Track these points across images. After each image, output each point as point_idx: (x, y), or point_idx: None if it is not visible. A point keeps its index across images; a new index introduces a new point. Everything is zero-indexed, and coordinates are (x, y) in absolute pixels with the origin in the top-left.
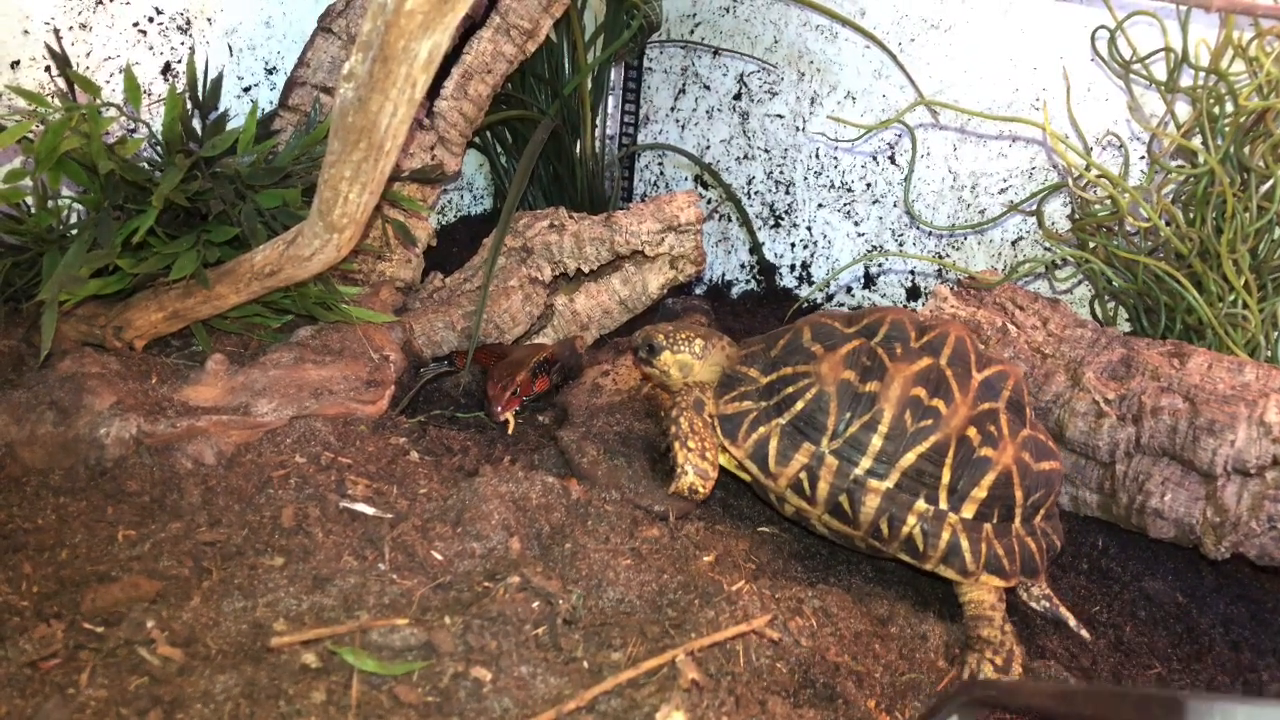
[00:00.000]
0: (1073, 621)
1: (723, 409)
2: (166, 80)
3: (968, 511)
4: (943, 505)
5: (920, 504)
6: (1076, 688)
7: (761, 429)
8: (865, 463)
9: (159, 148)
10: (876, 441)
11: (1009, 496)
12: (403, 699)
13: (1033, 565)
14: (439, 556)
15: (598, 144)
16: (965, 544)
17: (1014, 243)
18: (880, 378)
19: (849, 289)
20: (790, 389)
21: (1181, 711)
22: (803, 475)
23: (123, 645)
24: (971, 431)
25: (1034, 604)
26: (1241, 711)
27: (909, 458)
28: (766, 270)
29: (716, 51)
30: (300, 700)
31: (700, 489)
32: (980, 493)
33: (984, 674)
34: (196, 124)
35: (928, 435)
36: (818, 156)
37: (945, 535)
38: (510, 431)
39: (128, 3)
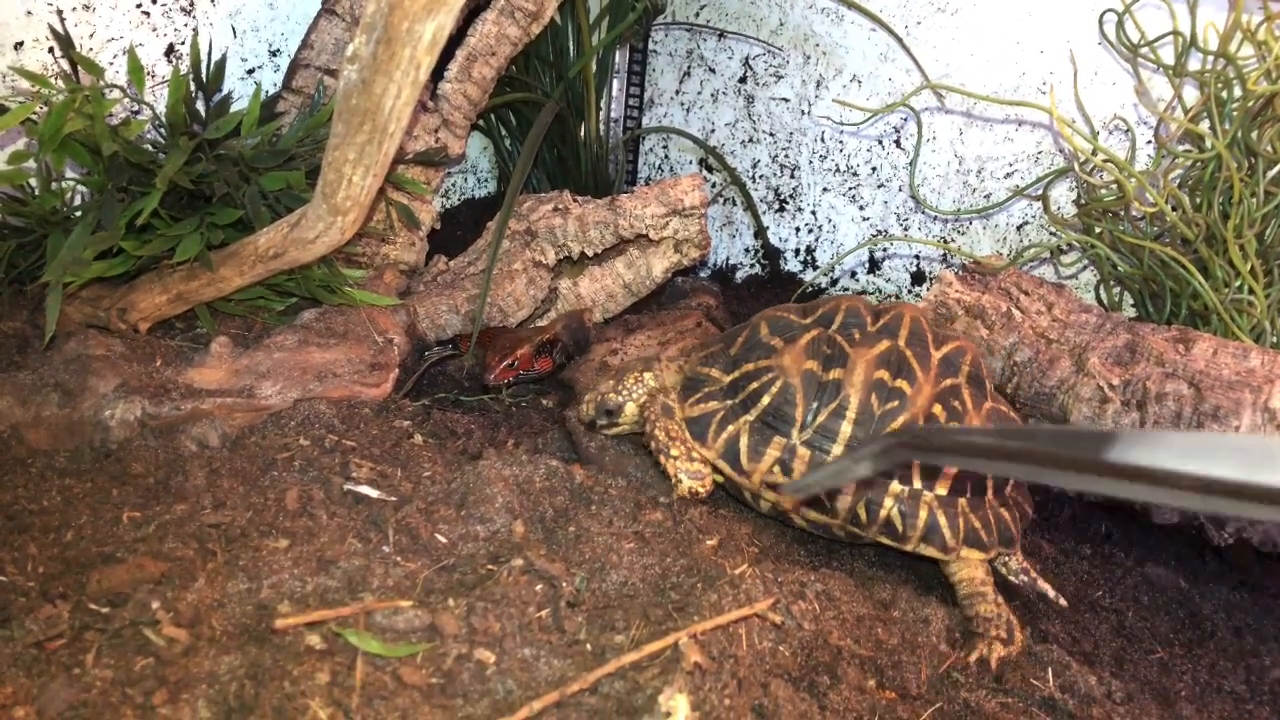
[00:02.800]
0: (1051, 592)
1: (689, 411)
2: (170, 62)
3: (941, 488)
4: (917, 484)
5: (895, 485)
6: (1009, 428)
7: (730, 427)
8: (837, 450)
9: (162, 130)
10: (846, 428)
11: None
12: (407, 680)
13: (1009, 535)
14: (443, 539)
15: (602, 127)
16: (943, 521)
17: (1019, 228)
18: (843, 364)
19: (853, 274)
20: (754, 384)
21: (1111, 441)
22: (776, 469)
23: (128, 626)
24: (937, 408)
25: (1012, 578)
26: (1169, 439)
27: None
28: (771, 255)
29: (722, 34)
30: (304, 681)
31: (700, 489)
32: (952, 468)
33: (995, 656)
34: (200, 106)
35: (895, 416)
36: (823, 140)
37: (923, 514)
38: (500, 396)
39: None
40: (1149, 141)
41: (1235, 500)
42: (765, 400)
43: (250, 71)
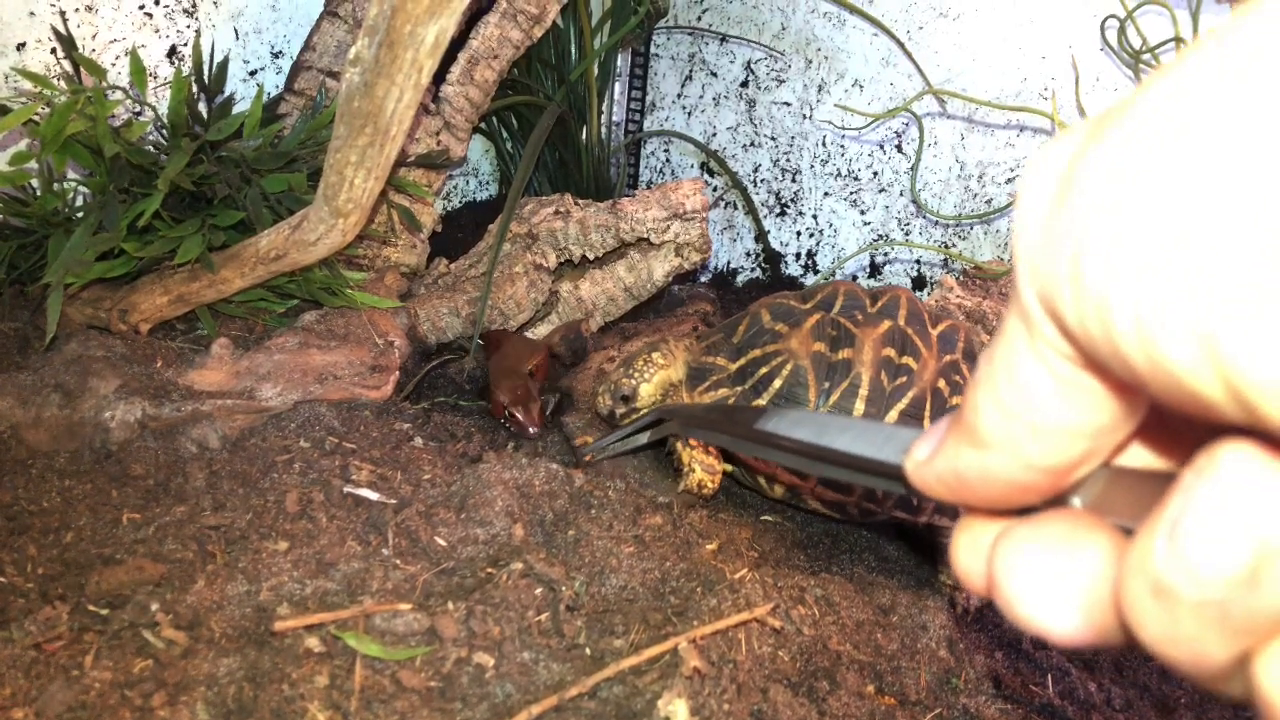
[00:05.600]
0: None
1: (698, 400)
2: (172, 63)
3: None
4: None
5: None
6: (720, 405)
7: None
8: None
9: (164, 131)
10: (859, 405)
11: None
12: (406, 684)
13: None
14: (442, 542)
15: (604, 130)
16: None
17: None
18: (851, 344)
19: (854, 278)
20: (764, 369)
21: (762, 412)
22: None
23: (127, 628)
24: (941, 383)
25: None
26: (810, 417)
27: (892, 416)
28: (772, 258)
29: (724, 38)
30: (304, 684)
31: (708, 484)
32: None
33: (971, 605)
34: (202, 108)
35: (905, 392)
36: (824, 144)
37: None
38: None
39: None
40: None
41: (842, 468)
42: (777, 384)
43: (252, 73)
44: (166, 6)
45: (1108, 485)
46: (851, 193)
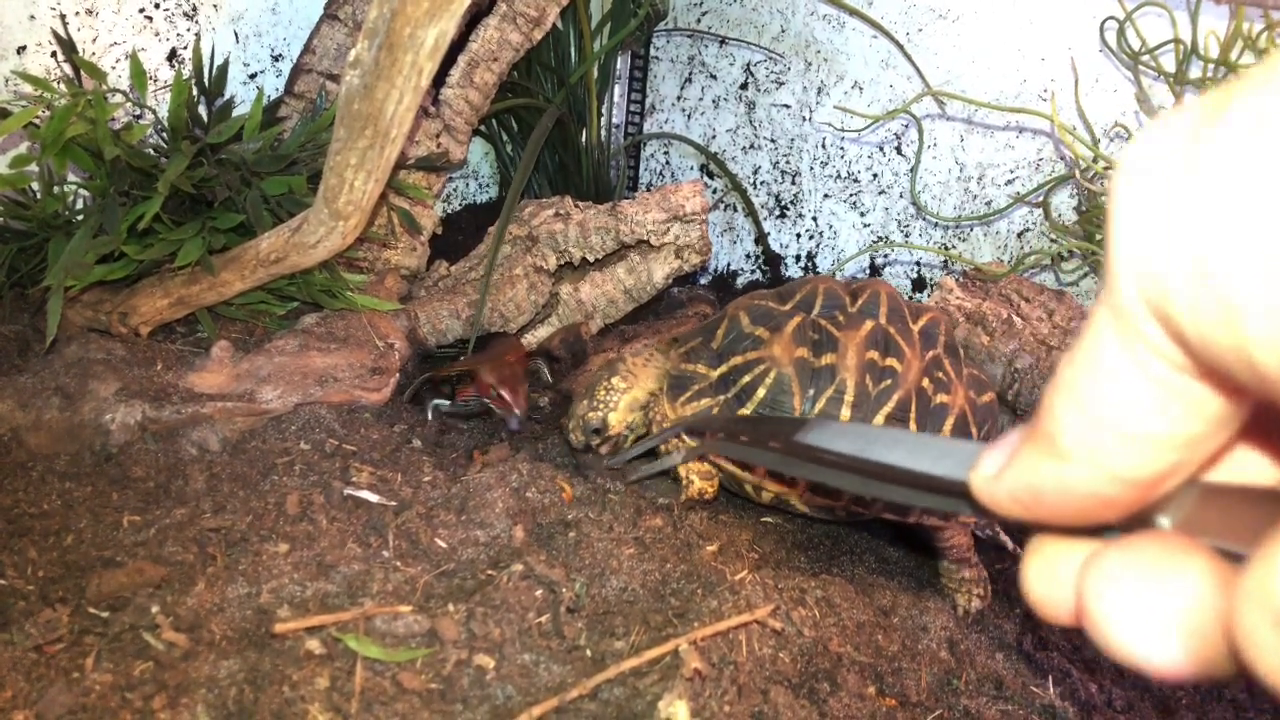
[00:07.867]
0: (1010, 544)
1: (681, 411)
2: (172, 67)
3: None
4: None
5: None
6: (751, 417)
7: None
8: None
9: (164, 134)
10: (846, 412)
11: (967, 436)
12: (406, 686)
13: None
14: (443, 544)
15: (603, 133)
16: None
17: (1020, 234)
18: (834, 349)
19: (854, 279)
20: (747, 377)
21: (801, 424)
22: None
23: (128, 630)
24: (925, 382)
25: (977, 531)
26: (853, 428)
27: (878, 420)
28: (772, 260)
29: (723, 40)
30: (304, 686)
31: (708, 491)
32: None
33: (974, 607)
34: (202, 110)
35: (890, 395)
36: (824, 146)
37: None
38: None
39: None
40: None
41: (896, 485)
42: (761, 392)
43: (252, 76)
44: (166, 10)
45: (1199, 503)
46: (851, 194)
